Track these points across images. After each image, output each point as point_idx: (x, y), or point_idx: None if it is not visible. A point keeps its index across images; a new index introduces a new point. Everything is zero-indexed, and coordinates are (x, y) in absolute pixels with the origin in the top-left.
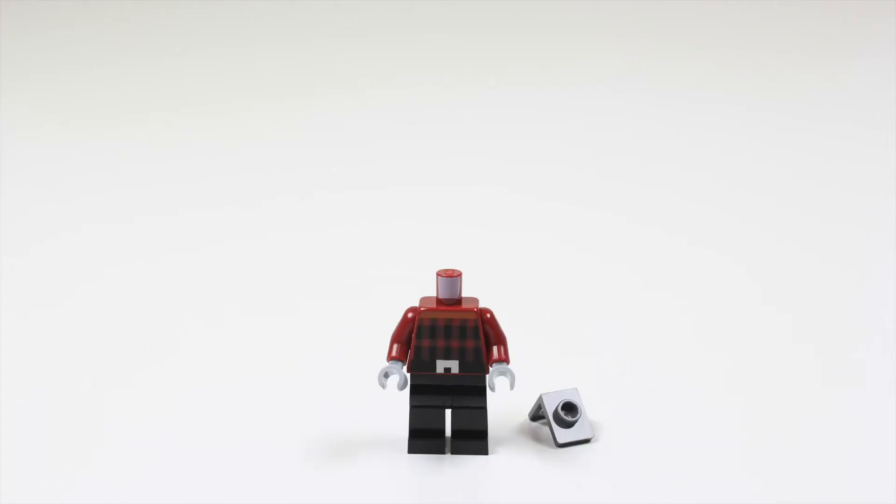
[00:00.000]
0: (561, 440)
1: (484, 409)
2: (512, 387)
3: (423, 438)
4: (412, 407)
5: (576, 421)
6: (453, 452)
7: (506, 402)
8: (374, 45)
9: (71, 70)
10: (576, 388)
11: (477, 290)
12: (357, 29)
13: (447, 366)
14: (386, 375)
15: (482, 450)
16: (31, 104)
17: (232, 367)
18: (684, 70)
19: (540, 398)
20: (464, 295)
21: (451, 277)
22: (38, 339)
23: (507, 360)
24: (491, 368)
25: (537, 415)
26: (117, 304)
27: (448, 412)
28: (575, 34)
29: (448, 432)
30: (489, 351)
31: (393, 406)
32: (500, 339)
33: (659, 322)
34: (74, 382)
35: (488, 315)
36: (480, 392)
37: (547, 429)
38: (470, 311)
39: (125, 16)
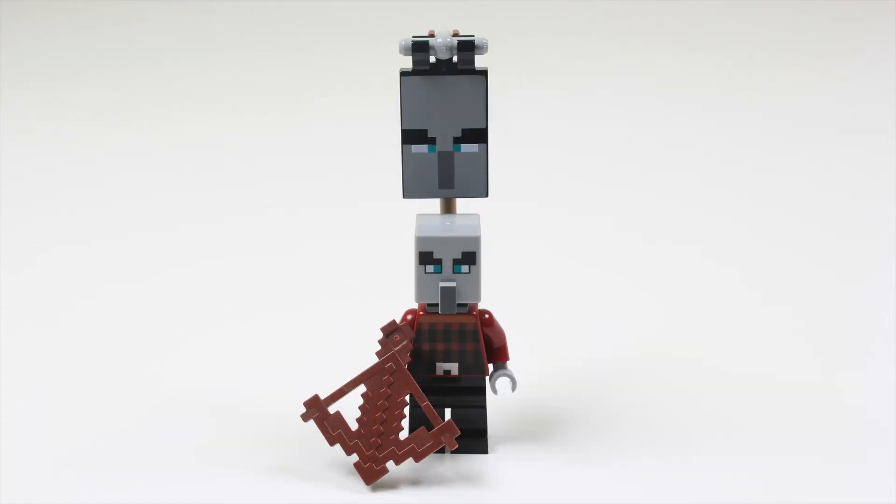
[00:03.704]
0: None
1: (483, 408)
2: (514, 389)
3: None
4: (411, 408)
5: None
6: (453, 452)
7: (505, 401)
8: (365, 51)
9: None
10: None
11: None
12: (347, 35)
13: (447, 368)
14: None
15: (482, 449)
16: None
17: (230, 371)
18: (681, 73)
19: None
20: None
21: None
22: (38, 342)
23: (507, 360)
24: (491, 370)
25: None
26: (115, 310)
27: (447, 412)
28: (568, 35)
29: None
30: (489, 352)
31: None
32: (500, 340)
33: (660, 323)
34: (74, 384)
35: (486, 316)
36: (480, 391)
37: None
38: (469, 314)
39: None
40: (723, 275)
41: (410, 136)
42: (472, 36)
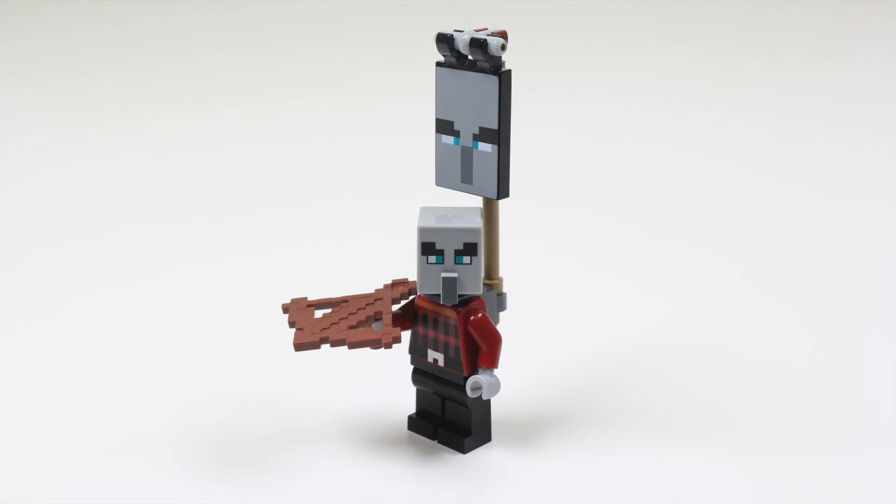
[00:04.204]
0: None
1: (467, 408)
2: (484, 396)
3: (421, 419)
4: (418, 390)
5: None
6: (438, 441)
7: (505, 400)
8: (365, 51)
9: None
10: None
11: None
12: (344, 36)
13: (435, 357)
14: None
15: (460, 447)
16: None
17: (229, 371)
18: (682, 73)
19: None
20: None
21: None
22: (35, 341)
23: (490, 366)
24: (478, 372)
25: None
26: (113, 309)
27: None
28: (569, 35)
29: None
30: (478, 354)
31: (392, 403)
32: (488, 343)
33: (660, 322)
34: (72, 384)
35: (472, 318)
36: (465, 390)
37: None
38: (453, 308)
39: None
40: (723, 274)
41: (441, 126)
42: (485, 35)
